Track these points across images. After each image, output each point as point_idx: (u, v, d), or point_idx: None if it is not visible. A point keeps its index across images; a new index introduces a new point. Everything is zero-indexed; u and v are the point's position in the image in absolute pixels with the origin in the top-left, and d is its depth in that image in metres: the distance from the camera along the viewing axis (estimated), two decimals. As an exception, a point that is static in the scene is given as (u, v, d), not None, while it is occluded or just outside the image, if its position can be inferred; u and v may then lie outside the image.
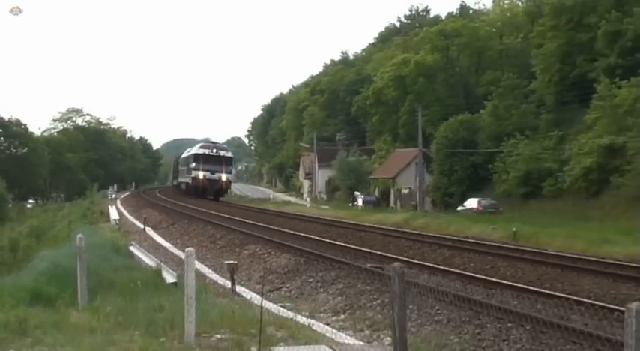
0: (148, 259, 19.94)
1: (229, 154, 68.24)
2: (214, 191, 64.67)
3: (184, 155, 76.53)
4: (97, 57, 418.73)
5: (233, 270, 16.04)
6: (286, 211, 47.29)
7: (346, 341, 10.20)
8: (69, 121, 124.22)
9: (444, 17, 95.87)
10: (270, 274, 18.23)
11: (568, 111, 54.61)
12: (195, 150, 68.09)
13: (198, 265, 17.01)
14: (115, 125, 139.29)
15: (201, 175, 64.08)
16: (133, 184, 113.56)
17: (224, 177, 65.13)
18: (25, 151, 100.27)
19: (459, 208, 50.30)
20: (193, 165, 65.46)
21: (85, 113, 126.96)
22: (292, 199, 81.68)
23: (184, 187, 71.66)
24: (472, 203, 50.40)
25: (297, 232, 25.48)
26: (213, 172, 64.17)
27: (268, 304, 12.74)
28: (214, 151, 66.11)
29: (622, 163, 41.52)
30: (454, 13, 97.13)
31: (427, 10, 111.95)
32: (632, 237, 24.05)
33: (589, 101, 47.17)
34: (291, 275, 17.83)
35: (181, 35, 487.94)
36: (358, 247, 20.78)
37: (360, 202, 66.07)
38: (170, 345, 9.09)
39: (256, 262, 20.54)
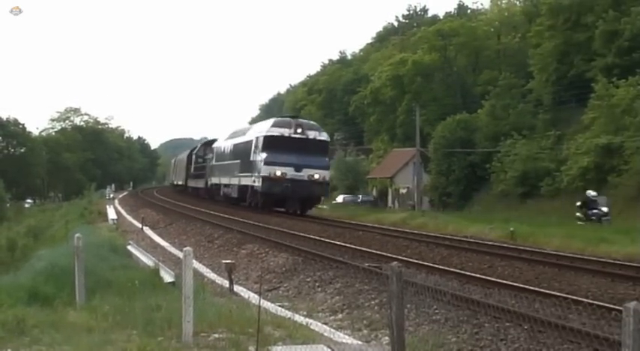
0: (146, 259, 19.94)
1: (324, 136, 41.17)
2: (301, 199, 39.28)
3: (232, 141, 48.91)
4: (95, 56, 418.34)
5: (231, 269, 16.04)
6: (284, 210, 47.26)
7: (344, 341, 10.20)
8: (67, 121, 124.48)
9: (441, 17, 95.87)
10: (268, 273, 18.22)
11: (565, 110, 54.67)
12: (266, 129, 40.53)
13: (196, 264, 17.01)
14: (112, 125, 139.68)
15: (278, 171, 37.99)
16: (131, 183, 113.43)
17: (318, 175, 38.72)
18: (22, 150, 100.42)
19: (334, 202, 65.88)
20: (263, 156, 38.65)
21: (82, 113, 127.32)
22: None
23: (236, 194, 44.74)
24: (340, 198, 69.61)
25: (294, 232, 25.46)
26: (298, 168, 38.40)
27: (266, 304, 12.75)
28: (299, 130, 39.46)
29: (619, 163, 41.59)
30: (452, 13, 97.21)
31: (425, 10, 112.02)
32: (630, 236, 24.06)
33: (586, 101, 47.23)
34: (289, 275, 17.82)
35: (179, 35, 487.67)
36: (356, 247, 20.75)
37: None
38: (168, 344, 9.09)
39: (254, 261, 20.53)
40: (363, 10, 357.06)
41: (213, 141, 60.81)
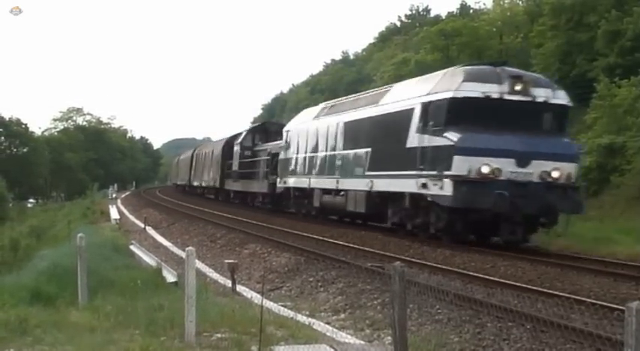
0: (149, 259, 20.00)
1: (562, 98, 21.76)
2: (528, 218, 20.77)
3: (339, 117, 29.57)
4: (98, 56, 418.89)
5: (233, 269, 16.06)
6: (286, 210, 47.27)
7: (346, 340, 10.20)
8: (69, 121, 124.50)
9: (444, 17, 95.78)
10: (271, 273, 18.23)
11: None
12: (453, 86, 21.05)
13: (199, 264, 17.03)
14: (115, 125, 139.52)
15: (485, 167, 19.91)
16: (134, 183, 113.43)
17: (557, 172, 20.54)
18: (25, 150, 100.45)
19: None
20: (454, 137, 20.47)
21: (85, 112, 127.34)
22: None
23: (362, 207, 26.66)
24: None
25: (297, 232, 25.47)
26: (523, 160, 20.29)
27: (269, 304, 12.74)
28: (518, 87, 20.82)
29: (622, 163, 41.50)
30: (454, 13, 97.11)
31: (427, 10, 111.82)
32: (633, 236, 24.04)
33: (589, 101, 47.08)
34: (292, 274, 17.83)
35: (182, 35, 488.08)
36: (358, 247, 20.76)
37: None
38: (170, 344, 9.10)
39: (257, 261, 20.54)
40: (366, 10, 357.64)
41: (271, 124, 47.19)
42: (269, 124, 46.78)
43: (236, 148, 47.37)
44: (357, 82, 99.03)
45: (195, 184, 63.09)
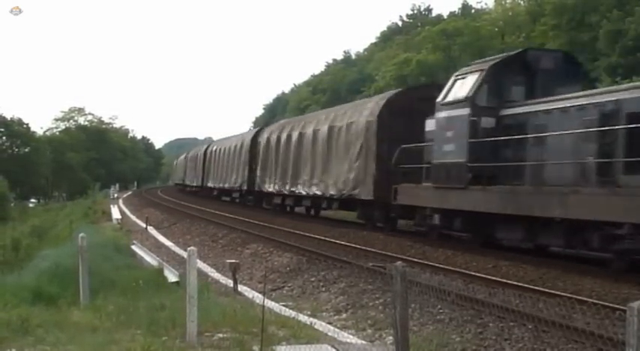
0: (150, 258, 20.02)
1: None
2: None
3: None
4: (99, 56, 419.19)
5: (235, 269, 16.05)
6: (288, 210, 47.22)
7: (348, 340, 10.20)
8: (71, 121, 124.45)
9: (445, 16, 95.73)
10: (272, 273, 18.23)
11: (570, 110, 54.45)
12: None
13: (200, 264, 17.03)
14: (116, 124, 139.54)
15: None
16: (135, 183, 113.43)
17: None
18: (26, 150, 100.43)
19: None
20: None
21: (86, 112, 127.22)
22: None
23: None
24: None
25: (299, 232, 25.45)
26: None
27: (270, 304, 12.75)
28: None
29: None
30: (456, 13, 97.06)
31: (429, 10, 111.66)
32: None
33: (591, 100, 47.13)
34: (293, 274, 17.83)
35: (183, 34, 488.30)
36: (360, 247, 20.75)
37: None
38: (172, 344, 9.10)
39: (258, 261, 20.54)
40: (368, 10, 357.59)
41: (541, 54, 20.18)
42: (532, 56, 19.63)
43: (450, 112, 20.02)
44: (358, 82, 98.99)
45: (270, 189, 38.26)
